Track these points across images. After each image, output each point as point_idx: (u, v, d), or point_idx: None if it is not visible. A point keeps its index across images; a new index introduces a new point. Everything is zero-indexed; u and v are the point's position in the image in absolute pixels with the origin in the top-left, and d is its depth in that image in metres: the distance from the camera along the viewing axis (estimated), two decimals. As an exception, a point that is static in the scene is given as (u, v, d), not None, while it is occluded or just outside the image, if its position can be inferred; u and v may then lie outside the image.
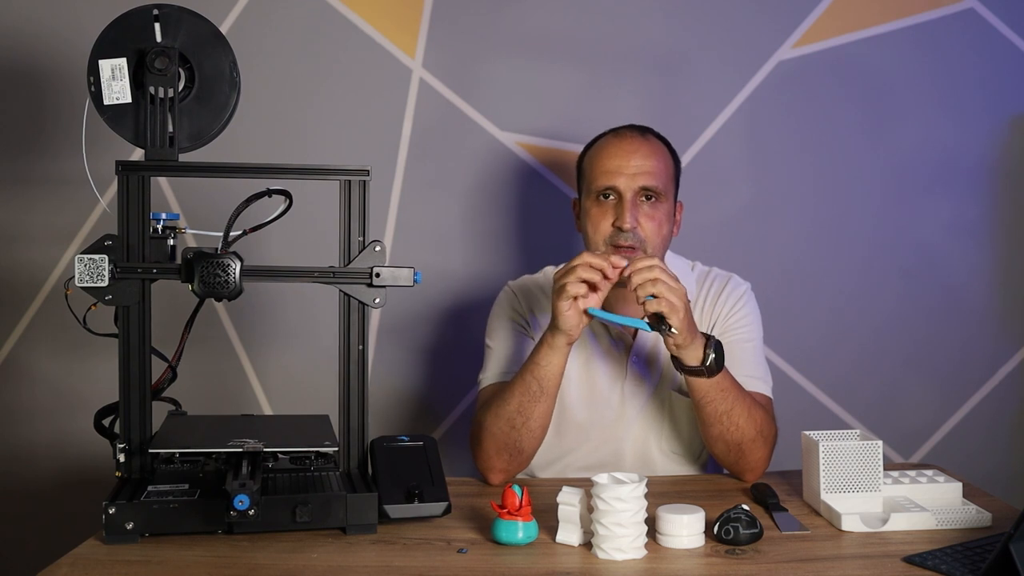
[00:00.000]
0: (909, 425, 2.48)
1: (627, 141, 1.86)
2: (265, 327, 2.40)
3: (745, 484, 1.73)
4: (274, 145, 2.36)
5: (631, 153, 1.84)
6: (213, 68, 1.55)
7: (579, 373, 1.91)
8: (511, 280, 2.02)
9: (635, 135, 1.88)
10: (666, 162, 1.88)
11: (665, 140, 1.93)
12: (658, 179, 1.83)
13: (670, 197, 1.87)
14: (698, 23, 2.41)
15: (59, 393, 2.39)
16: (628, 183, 1.82)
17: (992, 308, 2.49)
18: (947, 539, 1.42)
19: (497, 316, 1.96)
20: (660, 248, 1.86)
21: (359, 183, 1.56)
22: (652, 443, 1.90)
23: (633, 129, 1.90)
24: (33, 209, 2.37)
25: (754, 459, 1.75)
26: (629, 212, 1.80)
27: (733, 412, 1.72)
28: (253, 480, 1.36)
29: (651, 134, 1.91)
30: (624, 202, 1.81)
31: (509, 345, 1.92)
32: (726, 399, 1.71)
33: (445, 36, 2.39)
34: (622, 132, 1.90)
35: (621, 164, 1.83)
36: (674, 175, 1.91)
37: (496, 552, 1.41)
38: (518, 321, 1.94)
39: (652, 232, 1.82)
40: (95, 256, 1.49)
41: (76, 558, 1.36)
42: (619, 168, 1.83)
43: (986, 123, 2.45)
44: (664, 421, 1.90)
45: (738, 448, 1.74)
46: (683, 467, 1.92)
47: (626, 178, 1.82)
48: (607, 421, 1.89)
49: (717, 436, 1.74)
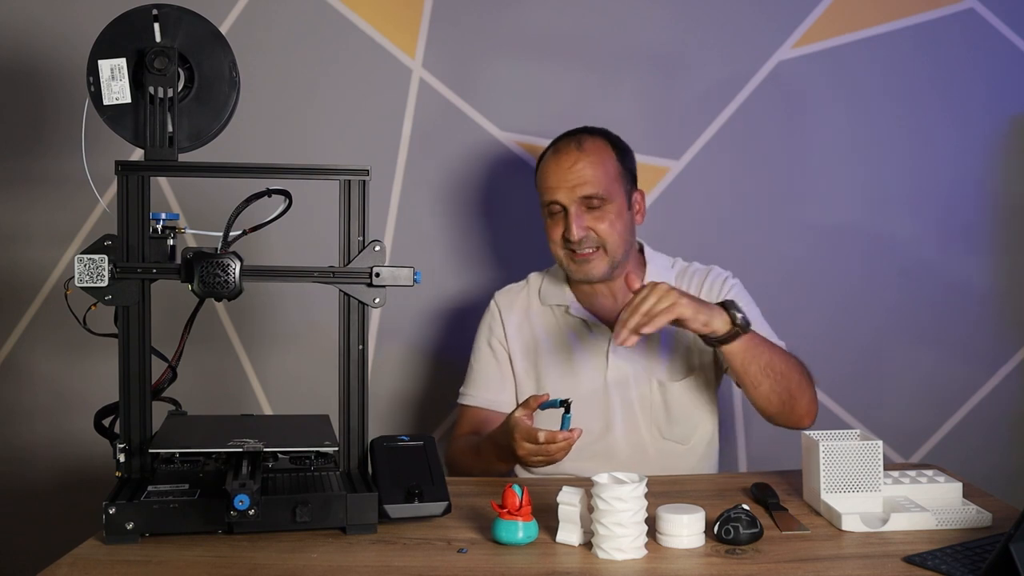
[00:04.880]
0: (909, 425, 2.48)
1: (562, 155, 1.94)
2: (265, 327, 2.41)
3: (745, 484, 1.73)
4: (274, 145, 2.36)
5: (567, 168, 1.92)
6: (213, 68, 1.55)
7: (562, 369, 1.97)
8: (498, 290, 2.10)
9: (570, 147, 1.94)
10: (605, 165, 1.93)
11: (608, 135, 1.98)
12: (598, 185, 1.91)
13: (618, 195, 1.94)
14: (698, 23, 2.41)
15: (59, 393, 2.39)
16: (568, 195, 1.91)
17: (992, 308, 2.49)
18: (947, 539, 1.42)
19: (479, 337, 2.08)
20: (620, 243, 1.93)
21: (359, 183, 1.56)
22: (643, 430, 1.94)
23: (569, 139, 1.97)
24: (33, 209, 2.37)
25: (806, 400, 1.81)
26: (575, 223, 1.90)
27: (774, 361, 1.77)
28: (253, 480, 1.36)
29: (588, 137, 1.96)
30: (569, 215, 1.90)
31: (487, 371, 2.04)
32: (764, 351, 1.77)
33: (445, 36, 2.39)
34: (559, 145, 1.97)
35: (560, 179, 1.92)
36: (619, 171, 1.96)
37: (496, 552, 1.41)
38: (495, 347, 2.04)
39: (606, 231, 1.91)
40: (95, 256, 1.49)
41: (76, 558, 1.36)
42: (558, 183, 1.92)
43: (986, 123, 2.45)
44: (653, 407, 1.94)
45: (789, 396, 1.79)
46: (677, 451, 1.95)
47: (565, 191, 1.91)
48: (595, 412, 1.94)
49: (769, 391, 1.79)
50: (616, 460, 1.91)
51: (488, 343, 2.05)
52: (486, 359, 2.04)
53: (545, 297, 2.04)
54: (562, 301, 2.02)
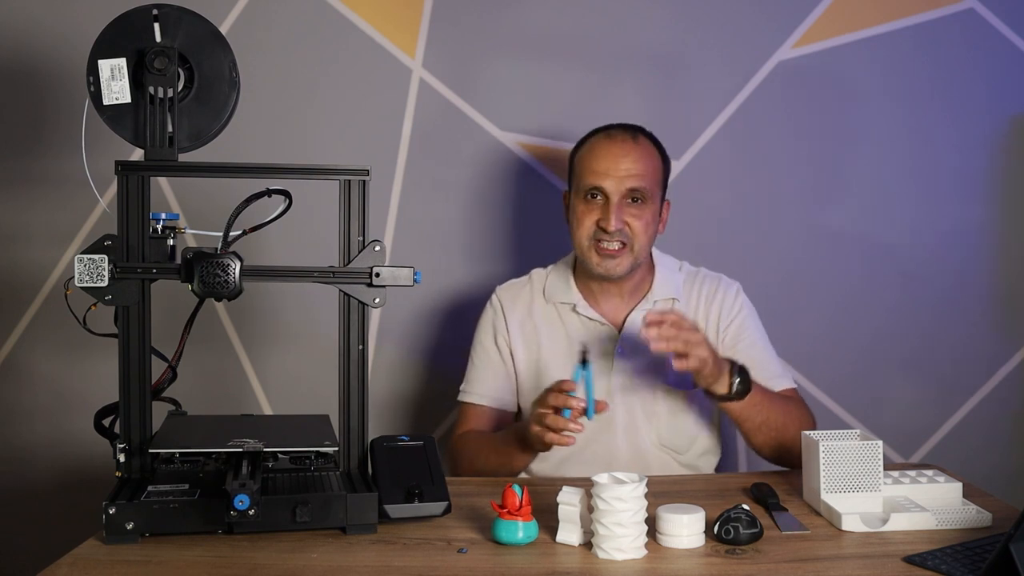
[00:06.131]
0: (909, 425, 2.48)
1: (617, 143, 1.91)
2: (265, 327, 2.40)
3: (745, 484, 1.73)
4: (274, 145, 2.35)
5: (621, 156, 1.89)
6: (213, 68, 1.55)
7: (565, 368, 1.94)
8: (499, 285, 2.08)
9: (626, 137, 1.92)
10: (655, 164, 1.93)
11: (655, 140, 1.98)
12: (646, 181, 1.89)
13: (657, 198, 1.93)
14: (698, 23, 2.41)
15: (59, 393, 2.38)
16: (616, 185, 1.88)
17: (992, 308, 2.49)
18: (947, 539, 1.42)
19: (479, 333, 2.05)
20: (646, 247, 1.93)
21: (359, 183, 1.56)
22: (644, 435, 1.93)
23: (624, 130, 1.94)
24: (33, 209, 2.37)
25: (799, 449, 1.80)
26: (615, 214, 1.87)
27: (770, 420, 1.81)
28: (253, 480, 1.36)
29: (642, 135, 1.95)
30: (611, 204, 1.88)
31: (489, 367, 2.02)
32: (760, 411, 1.79)
33: (445, 36, 2.39)
34: (613, 133, 1.94)
35: (610, 166, 1.88)
36: (662, 176, 1.96)
37: (496, 552, 1.41)
38: (497, 343, 2.02)
39: (640, 231, 1.89)
40: (95, 256, 1.49)
41: (76, 558, 1.36)
42: (608, 170, 1.88)
43: (986, 123, 2.45)
44: (655, 414, 1.92)
45: (784, 447, 1.83)
46: (676, 459, 1.95)
47: (614, 180, 1.88)
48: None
49: (763, 443, 1.84)
50: (616, 463, 1.90)
51: (490, 340, 2.02)
52: (487, 355, 2.02)
53: (550, 294, 2.02)
54: (568, 299, 1.99)
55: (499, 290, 2.07)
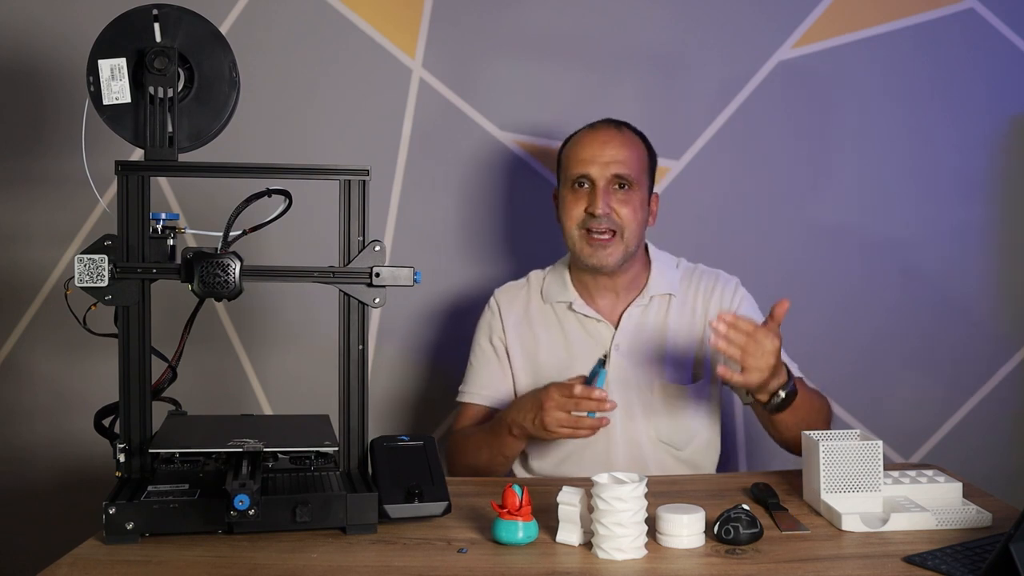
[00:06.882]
0: (909, 425, 2.48)
1: (601, 132, 1.96)
2: (265, 327, 2.40)
3: (745, 484, 1.73)
4: (274, 145, 2.35)
5: (604, 144, 1.93)
6: (213, 68, 1.55)
7: (561, 367, 1.96)
8: (497, 289, 2.10)
9: (609, 127, 1.98)
10: (639, 153, 1.97)
11: (641, 134, 2.01)
12: (631, 168, 1.93)
13: (643, 186, 1.96)
14: (698, 23, 2.41)
15: (59, 393, 2.38)
16: (601, 171, 1.92)
17: (992, 308, 2.49)
18: (947, 539, 1.42)
19: (478, 335, 2.08)
20: (636, 234, 1.94)
21: (359, 183, 1.56)
22: (642, 431, 1.93)
23: (608, 123, 2.00)
24: (33, 209, 2.37)
25: None
26: (601, 199, 1.90)
27: (800, 419, 1.78)
28: (253, 480, 1.36)
29: (627, 128, 2.00)
30: (597, 190, 1.91)
31: (487, 368, 2.03)
32: (795, 414, 1.78)
33: (445, 36, 2.39)
34: (597, 125, 2.00)
35: (595, 153, 1.93)
36: (648, 166, 1.99)
37: (496, 552, 1.41)
38: (495, 344, 2.04)
39: (628, 217, 1.92)
40: (95, 256, 1.49)
41: (76, 558, 1.36)
42: (592, 157, 1.93)
43: (986, 123, 2.45)
44: (653, 410, 1.93)
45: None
46: (675, 455, 1.94)
47: (599, 166, 1.92)
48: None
49: (790, 439, 1.83)
50: (614, 459, 1.91)
51: (487, 340, 2.04)
52: (485, 357, 2.04)
53: (547, 294, 2.03)
54: (565, 298, 2.00)
55: (497, 292, 2.09)
